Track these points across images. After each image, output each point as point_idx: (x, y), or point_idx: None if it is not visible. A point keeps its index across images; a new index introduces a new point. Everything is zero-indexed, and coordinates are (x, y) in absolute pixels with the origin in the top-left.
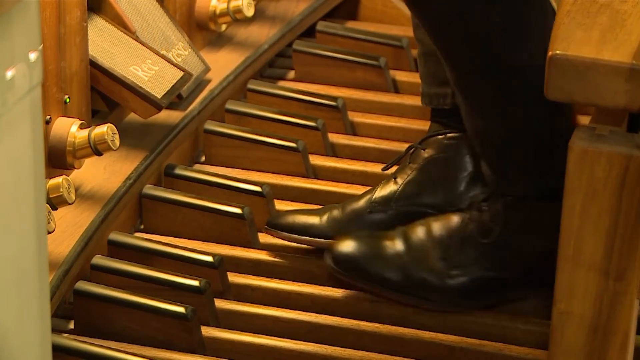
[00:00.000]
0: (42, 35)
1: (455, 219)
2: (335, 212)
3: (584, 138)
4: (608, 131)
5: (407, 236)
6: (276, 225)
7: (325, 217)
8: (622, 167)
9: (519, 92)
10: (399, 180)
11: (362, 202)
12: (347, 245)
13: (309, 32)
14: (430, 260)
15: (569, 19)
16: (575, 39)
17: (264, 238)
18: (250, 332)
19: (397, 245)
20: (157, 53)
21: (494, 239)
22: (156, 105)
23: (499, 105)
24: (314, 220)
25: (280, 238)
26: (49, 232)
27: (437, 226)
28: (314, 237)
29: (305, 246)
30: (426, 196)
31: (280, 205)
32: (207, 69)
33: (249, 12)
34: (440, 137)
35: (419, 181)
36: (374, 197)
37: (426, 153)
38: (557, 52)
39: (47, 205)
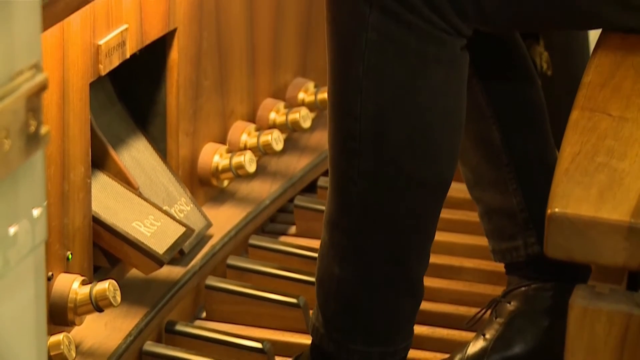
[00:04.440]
0: (46, 192)
1: None
2: None
3: (583, 296)
4: (608, 289)
5: None
6: None
7: None
8: (623, 325)
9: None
10: (488, 336)
11: None
12: None
13: (310, 188)
14: None
15: (567, 177)
16: (574, 197)
17: None
18: None
19: None
20: (160, 209)
21: None
22: (158, 261)
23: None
24: None
25: None
26: None
27: None
28: None
29: None
30: (518, 348)
31: None
32: (209, 225)
33: (251, 168)
34: (523, 289)
35: (509, 336)
36: (465, 356)
37: (512, 306)
38: (556, 209)
39: None
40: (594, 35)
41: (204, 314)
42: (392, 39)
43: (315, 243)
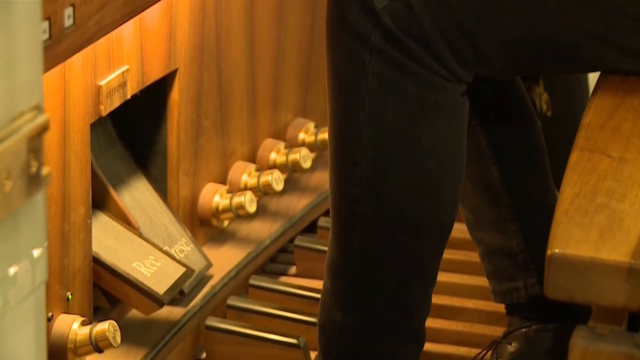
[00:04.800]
0: (46, 232)
1: None
2: None
3: (584, 337)
4: (608, 330)
5: None
6: None
7: None
8: None
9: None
10: None
11: None
12: None
13: (311, 228)
14: None
15: (567, 218)
16: (574, 238)
17: None
18: None
19: None
20: (160, 249)
21: None
22: (158, 301)
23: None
24: None
25: None
26: None
27: None
28: None
29: None
30: None
31: None
32: (209, 265)
33: (252, 208)
34: (524, 330)
35: None
36: None
37: (512, 347)
38: (556, 250)
39: None
40: (593, 76)
41: (204, 355)
42: (392, 86)
43: (316, 283)
